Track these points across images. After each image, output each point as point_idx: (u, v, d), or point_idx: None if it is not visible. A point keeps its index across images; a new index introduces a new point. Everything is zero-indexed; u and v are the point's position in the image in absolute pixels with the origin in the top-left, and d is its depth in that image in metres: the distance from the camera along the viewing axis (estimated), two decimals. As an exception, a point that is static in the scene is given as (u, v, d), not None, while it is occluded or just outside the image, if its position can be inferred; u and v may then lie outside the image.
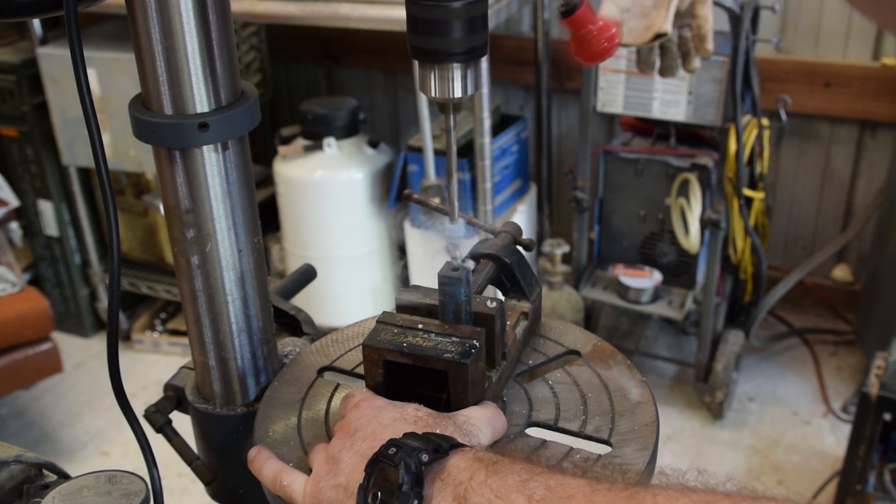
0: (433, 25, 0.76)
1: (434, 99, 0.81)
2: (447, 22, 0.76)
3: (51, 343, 2.86)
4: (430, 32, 0.77)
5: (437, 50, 0.77)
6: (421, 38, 0.77)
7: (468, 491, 0.68)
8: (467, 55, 0.78)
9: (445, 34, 0.76)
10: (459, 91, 0.80)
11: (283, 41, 3.69)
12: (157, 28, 0.81)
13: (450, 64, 0.78)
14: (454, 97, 0.80)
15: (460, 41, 0.77)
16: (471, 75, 0.80)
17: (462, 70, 0.79)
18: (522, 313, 1.00)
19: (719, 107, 2.64)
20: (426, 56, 0.78)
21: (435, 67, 0.79)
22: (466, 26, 0.76)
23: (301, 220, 3.14)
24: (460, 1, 0.75)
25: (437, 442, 0.72)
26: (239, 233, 0.91)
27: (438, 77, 0.79)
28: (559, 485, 0.67)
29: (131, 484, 0.85)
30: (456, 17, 0.76)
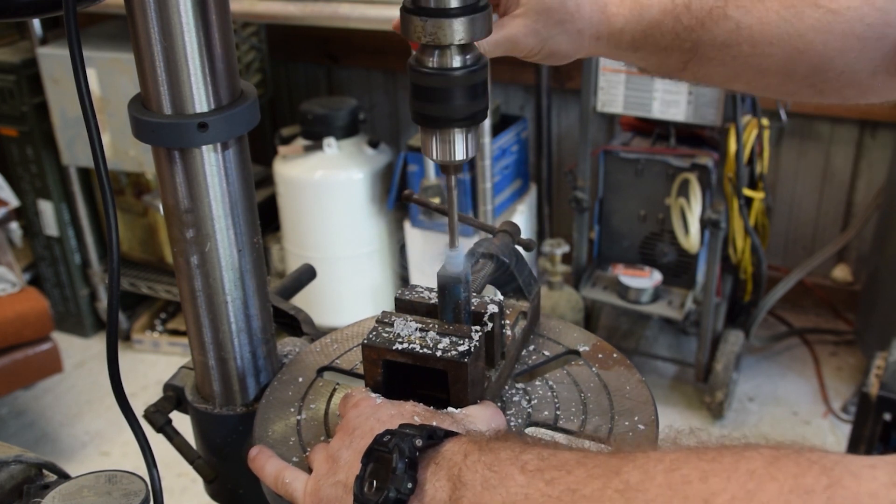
0: (434, 93, 0.78)
1: (436, 161, 0.83)
2: (449, 90, 0.78)
3: (51, 343, 2.86)
4: (432, 99, 0.79)
5: (439, 117, 0.80)
6: (423, 105, 0.80)
7: (462, 470, 0.69)
8: (468, 121, 0.80)
9: (447, 101, 0.79)
10: (461, 154, 0.82)
11: (283, 41, 3.69)
12: (157, 28, 0.81)
13: (451, 129, 0.81)
14: (455, 160, 0.82)
15: (461, 108, 0.79)
16: (472, 139, 0.82)
17: (463, 134, 0.81)
18: (521, 313, 1.00)
19: (719, 107, 2.64)
20: (428, 122, 0.81)
21: (436, 132, 0.81)
22: (468, 94, 0.79)
23: (301, 220, 3.14)
24: (462, 70, 0.78)
25: (432, 429, 0.72)
26: (238, 233, 0.92)
27: (440, 141, 0.82)
28: (552, 454, 0.67)
29: (131, 484, 0.85)
30: (457, 85, 0.78)
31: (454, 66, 0.78)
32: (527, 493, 0.65)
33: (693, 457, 0.60)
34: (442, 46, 0.77)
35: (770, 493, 0.55)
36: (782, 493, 0.54)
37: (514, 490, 0.65)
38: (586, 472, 0.64)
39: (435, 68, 0.78)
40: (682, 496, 0.58)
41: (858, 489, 0.53)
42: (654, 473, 0.60)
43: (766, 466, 0.56)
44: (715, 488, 0.57)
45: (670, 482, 0.59)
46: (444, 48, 0.77)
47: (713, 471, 0.58)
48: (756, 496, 0.55)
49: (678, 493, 0.58)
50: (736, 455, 0.59)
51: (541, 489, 0.64)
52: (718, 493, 0.56)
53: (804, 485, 0.54)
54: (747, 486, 0.56)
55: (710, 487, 0.57)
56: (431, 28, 0.76)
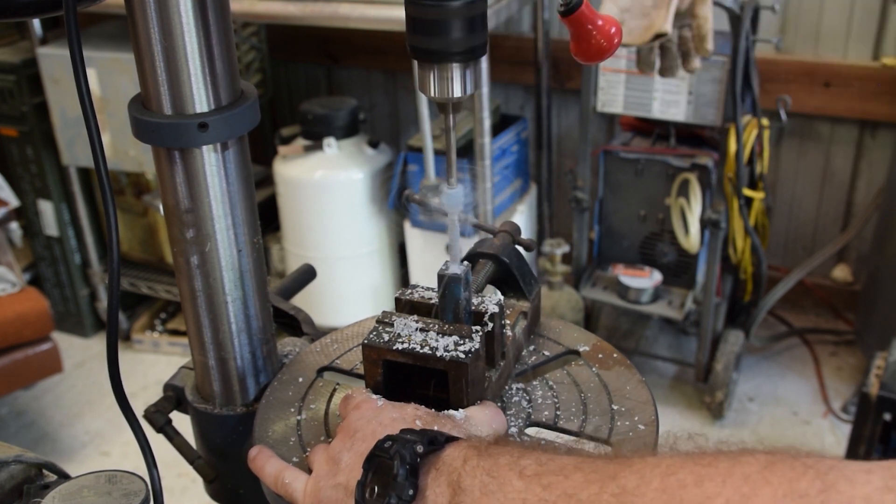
0: (432, 25, 0.76)
1: (433, 99, 0.81)
2: (446, 22, 0.76)
3: (51, 343, 2.86)
4: (430, 32, 0.77)
5: (437, 50, 0.77)
6: (420, 38, 0.77)
7: (461, 475, 0.69)
8: (466, 55, 0.78)
9: (444, 34, 0.76)
10: (459, 91, 0.80)
11: (283, 41, 3.69)
12: (157, 28, 0.81)
13: (449, 64, 0.78)
14: (453, 97, 0.80)
15: (459, 41, 0.77)
16: (470, 75, 0.80)
17: (461, 70, 0.79)
18: (521, 313, 1.00)
19: (719, 107, 2.64)
20: (425, 56, 0.78)
21: (434, 67, 0.79)
22: (465, 26, 0.76)
23: (301, 220, 3.14)
24: (459, 1, 0.75)
25: (433, 435, 0.72)
26: (238, 233, 0.92)
27: (438, 77, 0.79)
28: (550, 459, 0.68)
29: (131, 484, 0.85)
30: (455, 16, 0.76)
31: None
32: (524, 498, 0.65)
33: (689, 461, 0.60)
34: None
35: (764, 497, 0.55)
36: (776, 497, 0.55)
37: (512, 495, 0.66)
38: (583, 476, 0.64)
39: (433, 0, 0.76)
40: (678, 500, 0.58)
41: (853, 493, 0.53)
42: (650, 478, 0.60)
43: (761, 471, 0.57)
44: (710, 492, 0.57)
45: (666, 486, 0.59)
46: None
47: (709, 475, 0.58)
48: (751, 500, 0.55)
49: (674, 497, 0.58)
50: (732, 460, 0.59)
51: (538, 494, 0.65)
52: (713, 497, 0.56)
53: (799, 489, 0.54)
54: (742, 489, 0.56)
55: (706, 491, 0.57)
56: None
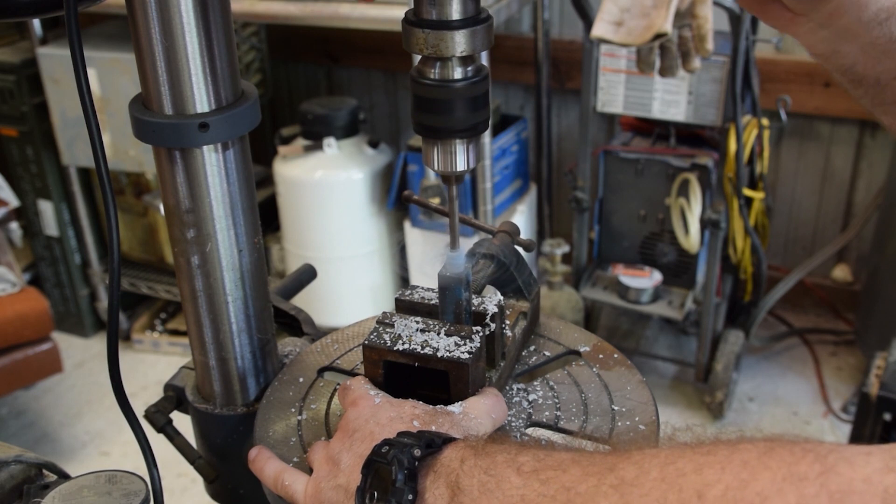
0: (436, 104, 0.79)
1: (437, 172, 0.84)
2: (450, 101, 0.78)
3: (51, 343, 2.86)
4: (434, 111, 0.79)
5: (441, 128, 0.80)
6: (425, 116, 0.80)
7: (460, 476, 0.69)
8: (470, 132, 0.81)
9: (448, 113, 0.79)
10: (462, 165, 0.82)
11: (283, 41, 3.69)
12: (157, 28, 0.81)
13: (452, 140, 0.81)
14: (457, 171, 0.83)
15: (463, 119, 0.79)
16: (472, 149, 0.83)
17: (465, 145, 0.82)
18: (521, 313, 1.01)
19: (719, 107, 2.64)
20: (430, 133, 0.81)
21: (438, 143, 0.82)
22: (469, 105, 0.79)
23: (301, 220, 3.14)
24: (463, 82, 0.78)
25: (430, 437, 0.72)
26: (239, 233, 0.92)
27: (441, 152, 0.82)
28: (548, 455, 0.68)
29: (131, 484, 0.85)
30: (459, 96, 0.78)
31: (456, 77, 0.78)
32: (522, 494, 0.65)
33: (688, 451, 0.60)
34: (443, 58, 0.77)
35: (764, 482, 0.55)
36: (776, 480, 0.55)
37: (511, 492, 0.66)
38: (581, 470, 0.64)
39: (436, 80, 0.78)
40: (677, 488, 0.58)
41: (853, 475, 0.53)
42: (648, 468, 0.60)
43: (760, 456, 0.57)
44: (709, 479, 0.57)
45: (665, 475, 0.59)
46: (445, 60, 0.78)
47: (708, 463, 0.58)
48: (750, 485, 0.55)
49: (673, 485, 0.58)
50: (731, 447, 0.59)
51: (536, 489, 0.65)
52: (713, 484, 0.57)
53: (798, 472, 0.54)
54: (741, 475, 0.56)
55: (705, 478, 0.57)
56: (433, 40, 0.76)
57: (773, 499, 0.54)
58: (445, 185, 0.86)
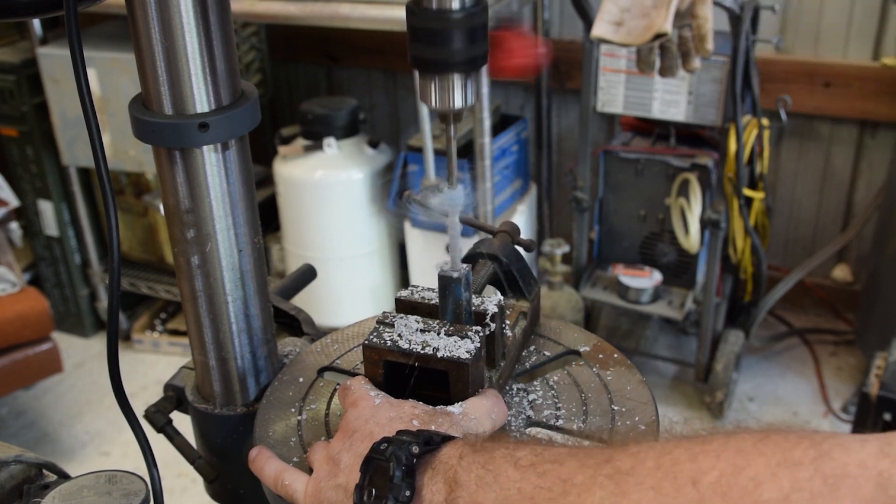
0: (433, 35, 0.76)
1: (434, 109, 0.81)
2: (447, 32, 0.76)
3: (51, 343, 2.86)
4: (431, 42, 0.77)
5: (438, 60, 0.78)
6: (421, 48, 0.78)
7: (458, 471, 0.69)
8: (468, 66, 0.78)
9: (446, 44, 0.76)
10: (460, 101, 0.80)
11: (283, 41, 3.69)
12: (157, 28, 0.81)
13: (450, 74, 0.79)
14: (454, 107, 0.80)
15: (461, 51, 0.77)
16: (471, 85, 0.80)
17: (462, 80, 0.79)
18: (521, 313, 1.00)
19: (719, 107, 2.64)
20: (426, 66, 0.79)
21: (435, 77, 0.79)
22: (466, 37, 0.77)
23: (301, 220, 3.14)
24: (460, 11, 0.76)
25: (429, 435, 0.73)
26: (239, 233, 0.92)
27: (439, 87, 0.80)
28: (545, 450, 0.68)
29: (131, 484, 0.85)
30: (456, 27, 0.76)
31: (453, 7, 0.76)
32: (520, 487, 0.65)
33: (684, 441, 0.61)
34: None
35: (758, 467, 0.55)
36: (770, 466, 0.55)
37: (508, 485, 0.66)
38: (578, 462, 0.64)
39: (434, 10, 0.76)
40: (672, 476, 0.58)
41: (847, 459, 0.53)
42: (644, 458, 0.61)
43: (755, 444, 0.57)
44: (704, 467, 0.57)
45: (660, 464, 0.59)
46: None
47: (703, 451, 0.59)
48: (744, 471, 0.56)
49: (668, 473, 0.58)
50: (726, 436, 0.60)
51: (533, 482, 0.65)
52: (707, 472, 0.57)
53: (793, 457, 0.55)
54: (736, 462, 0.56)
55: (700, 466, 0.58)
56: None
57: (767, 483, 0.54)
58: (443, 122, 0.83)
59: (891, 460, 0.52)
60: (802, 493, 0.53)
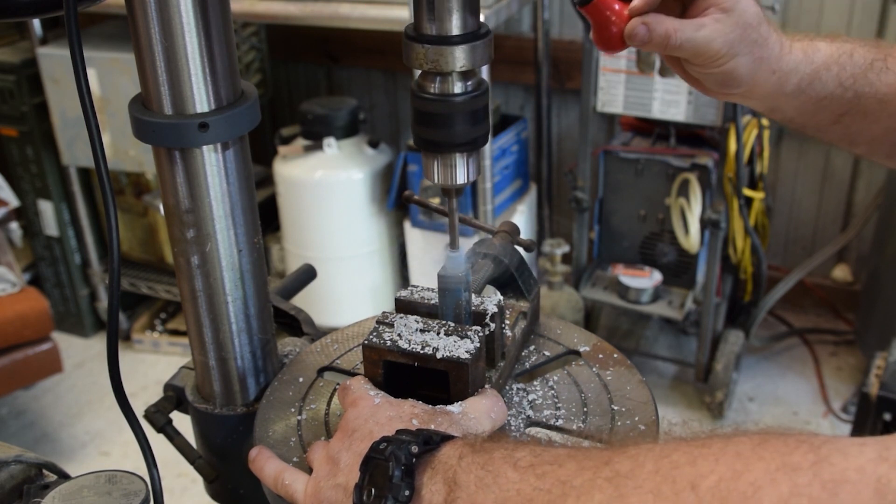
0: (436, 119, 0.79)
1: (437, 185, 0.84)
2: (450, 116, 0.79)
3: (51, 343, 2.86)
4: (434, 125, 0.80)
5: (441, 142, 0.80)
6: (425, 130, 0.81)
7: (457, 472, 0.69)
8: (469, 146, 0.81)
9: (448, 127, 0.79)
10: (462, 178, 0.83)
11: (283, 41, 3.69)
12: (157, 28, 0.81)
13: (452, 154, 0.81)
14: (457, 184, 0.83)
15: (463, 133, 0.80)
16: (472, 163, 0.83)
17: (464, 159, 0.82)
18: (521, 313, 1.01)
19: (719, 107, 2.64)
20: (430, 147, 0.82)
21: (438, 157, 0.82)
22: (469, 119, 0.80)
23: (301, 220, 3.14)
24: (463, 96, 0.78)
25: (428, 435, 0.73)
26: (239, 233, 0.92)
27: (441, 165, 0.83)
28: (545, 451, 0.68)
29: (131, 484, 0.85)
30: (459, 111, 0.79)
31: (455, 92, 0.79)
32: (518, 489, 0.65)
33: (683, 444, 0.61)
34: (443, 73, 0.78)
35: (757, 472, 0.55)
36: (769, 470, 0.55)
37: (507, 486, 0.66)
38: (577, 464, 0.64)
39: (436, 94, 0.79)
40: (671, 480, 0.58)
41: (846, 464, 0.53)
42: (643, 461, 0.61)
43: (754, 448, 0.57)
44: (703, 470, 0.57)
45: (659, 468, 0.60)
46: (445, 75, 0.78)
47: (702, 455, 0.59)
48: (743, 476, 0.56)
49: (667, 477, 0.59)
50: (725, 440, 0.60)
51: (532, 483, 0.65)
52: (706, 475, 0.57)
53: (791, 462, 0.55)
54: (735, 466, 0.57)
55: (699, 470, 0.58)
56: (433, 55, 0.77)
57: (766, 488, 0.54)
58: (445, 197, 0.86)
59: (889, 465, 0.52)
60: (801, 499, 0.53)
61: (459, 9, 0.76)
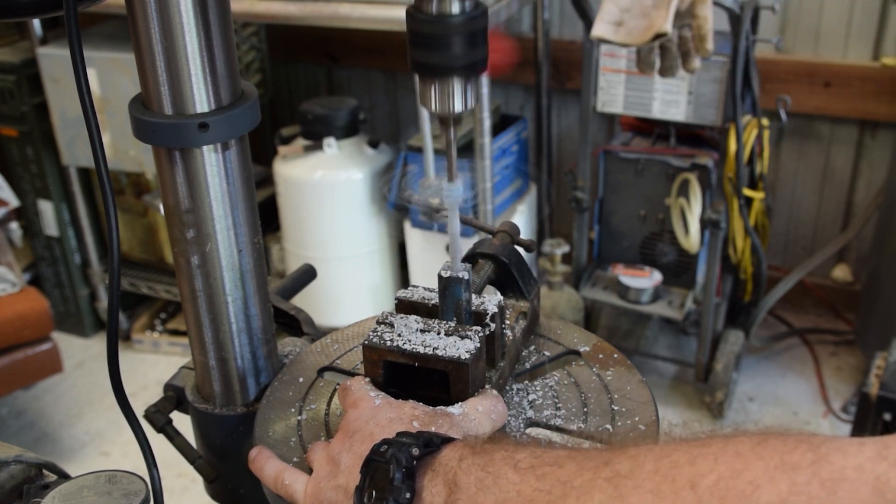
0: (433, 40, 0.77)
1: (434, 113, 0.81)
2: (447, 37, 0.76)
3: (51, 343, 2.86)
4: (431, 47, 0.77)
5: (438, 64, 0.78)
6: (421, 53, 0.78)
7: (457, 474, 0.69)
8: (467, 70, 0.78)
9: (445, 49, 0.77)
10: (460, 105, 0.80)
11: (283, 41, 3.69)
12: (157, 28, 0.81)
13: (450, 78, 0.79)
14: (454, 111, 0.80)
15: (460, 56, 0.77)
16: (471, 89, 0.80)
17: (462, 84, 0.79)
18: (521, 313, 1.00)
19: (719, 107, 2.64)
20: (426, 70, 0.79)
21: (435, 81, 0.79)
22: (466, 41, 0.77)
23: (301, 220, 3.14)
24: (460, 16, 0.76)
25: (429, 437, 0.73)
26: (239, 233, 0.92)
27: (439, 91, 0.80)
28: (545, 452, 0.68)
29: (131, 484, 0.85)
30: (456, 31, 0.76)
31: (453, 12, 0.76)
32: (519, 490, 0.66)
33: (683, 444, 0.61)
34: None
35: (756, 471, 0.56)
36: (768, 469, 0.55)
37: (507, 488, 0.66)
38: (577, 465, 0.65)
39: (434, 15, 0.76)
40: (670, 479, 0.58)
41: (844, 463, 0.54)
42: (643, 461, 0.61)
43: (753, 447, 0.58)
44: (702, 470, 0.58)
45: (659, 468, 0.60)
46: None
47: (702, 454, 0.59)
48: (742, 475, 0.56)
49: (666, 477, 0.59)
50: (725, 439, 0.60)
51: (532, 484, 0.65)
52: (705, 475, 0.57)
53: (790, 461, 0.55)
54: (734, 465, 0.57)
55: (698, 469, 0.58)
56: None
57: (765, 487, 0.55)
58: (443, 125, 0.83)
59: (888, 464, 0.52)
60: (800, 497, 0.53)
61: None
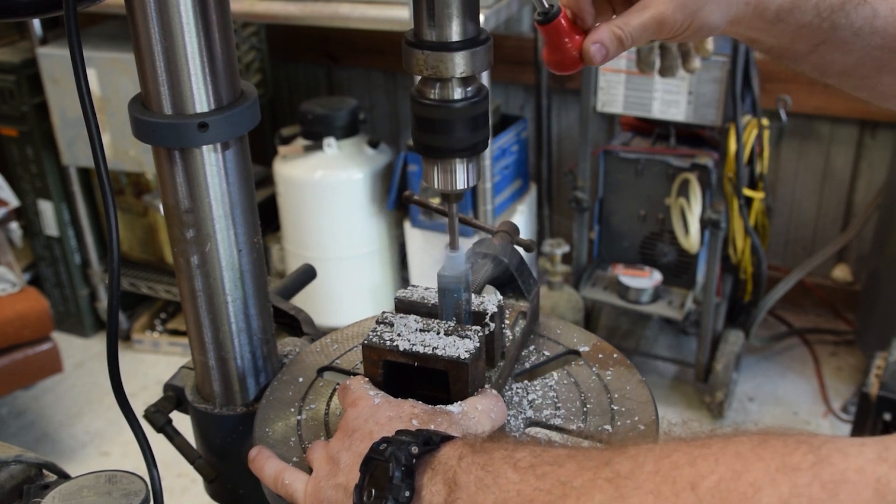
0: (436, 124, 0.80)
1: (437, 190, 0.85)
2: (450, 121, 0.79)
3: (51, 343, 2.86)
4: (434, 131, 0.80)
5: (440, 147, 0.81)
6: (425, 136, 0.81)
7: (457, 472, 0.69)
8: (469, 151, 0.82)
9: (448, 133, 0.80)
10: (462, 184, 0.84)
11: (283, 41, 3.69)
12: (157, 28, 0.81)
13: (452, 159, 0.82)
14: (456, 189, 0.84)
15: (463, 139, 0.80)
16: (472, 168, 0.84)
17: (464, 164, 0.83)
18: (521, 313, 1.01)
19: (719, 107, 2.64)
20: (430, 152, 0.82)
21: (438, 162, 0.82)
22: (468, 125, 0.80)
23: (301, 220, 3.14)
24: (463, 102, 0.79)
25: (428, 435, 0.73)
26: (238, 233, 0.92)
27: (441, 171, 0.83)
28: (545, 451, 0.68)
29: (131, 484, 0.85)
30: (458, 116, 0.79)
31: (455, 98, 0.79)
32: (519, 489, 0.65)
33: (683, 444, 0.61)
34: (443, 79, 0.78)
35: (757, 473, 0.55)
36: (769, 471, 0.55)
37: (507, 487, 0.66)
38: (577, 464, 0.64)
39: (436, 100, 0.79)
40: (671, 480, 0.58)
41: (846, 465, 0.53)
42: (643, 462, 0.61)
43: (753, 448, 0.57)
44: (703, 471, 0.57)
45: (659, 468, 0.60)
46: (445, 81, 0.78)
47: (702, 455, 0.59)
48: (743, 476, 0.56)
49: (667, 478, 0.59)
50: (725, 440, 0.60)
51: (532, 484, 0.65)
52: (706, 476, 0.57)
53: (791, 462, 0.55)
54: (735, 466, 0.57)
55: (698, 470, 0.58)
56: (433, 61, 0.77)
57: (766, 489, 0.54)
58: (445, 202, 0.87)
59: (889, 465, 0.52)
60: (801, 499, 0.53)
61: (459, 15, 0.76)
